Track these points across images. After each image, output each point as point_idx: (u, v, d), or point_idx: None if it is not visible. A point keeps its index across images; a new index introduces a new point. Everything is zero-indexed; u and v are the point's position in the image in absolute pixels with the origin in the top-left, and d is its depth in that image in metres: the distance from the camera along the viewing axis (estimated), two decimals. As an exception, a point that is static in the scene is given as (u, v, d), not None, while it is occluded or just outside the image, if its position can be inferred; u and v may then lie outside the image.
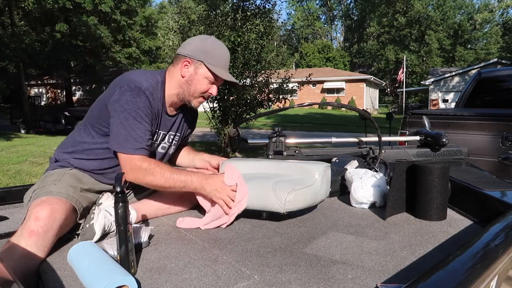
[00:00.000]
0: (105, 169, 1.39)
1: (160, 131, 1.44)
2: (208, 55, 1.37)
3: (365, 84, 28.43)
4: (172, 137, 1.50)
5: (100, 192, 1.38)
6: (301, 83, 7.73)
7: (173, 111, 1.46)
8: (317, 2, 51.03)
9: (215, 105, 7.30)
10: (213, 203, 1.36)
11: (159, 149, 1.49)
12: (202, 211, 1.51)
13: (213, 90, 1.43)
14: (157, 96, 1.36)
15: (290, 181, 1.35)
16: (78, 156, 1.38)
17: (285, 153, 1.81)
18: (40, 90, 30.54)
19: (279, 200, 1.28)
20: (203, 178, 1.34)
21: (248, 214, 1.36)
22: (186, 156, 1.69)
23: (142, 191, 1.54)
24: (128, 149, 1.28)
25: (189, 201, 1.51)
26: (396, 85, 29.73)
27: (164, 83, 1.40)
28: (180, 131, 1.53)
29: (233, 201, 1.33)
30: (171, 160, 1.63)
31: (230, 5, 7.36)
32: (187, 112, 1.52)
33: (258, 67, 7.13)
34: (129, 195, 1.49)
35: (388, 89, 40.36)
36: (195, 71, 1.38)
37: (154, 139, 1.42)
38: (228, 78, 1.42)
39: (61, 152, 1.41)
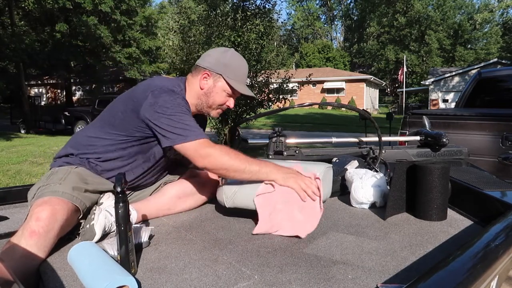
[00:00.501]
0: (119, 168, 1.39)
1: None
2: (228, 68, 1.40)
3: (365, 84, 28.42)
4: None
5: (104, 192, 1.38)
6: (301, 83, 7.74)
7: None
8: (317, 2, 51.05)
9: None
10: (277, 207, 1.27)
11: (173, 156, 1.49)
12: (203, 211, 1.51)
13: (231, 102, 1.47)
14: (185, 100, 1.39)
15: None
16: (91, 155, 1.37)
17: (285, 153, 1.81)
18: (40, 90, 30.51)
19: None
20: (277, 167, 1.30)
21: (248, 214, 1.36)
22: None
23: (143, 191, 1.54)
24: (191, 137, 1.27)
25: (189, 201, 1.51)
26: (396, 85, 29.76)
27: (185, 92, 1.42)
28: None
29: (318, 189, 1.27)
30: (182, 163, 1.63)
31: (230, 5, 7.37)
32: (198, 119, 1.50)
33: (258, 67, 7.13)
34: (130, 195, 1.49)
35: (388, 89, 40.37)
36: (214, 84, 1.42)
37: None
38: (246, 93, 1.45)
39: (71, 149, 1.39)
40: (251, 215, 1.38)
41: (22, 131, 13.74)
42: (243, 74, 1.47)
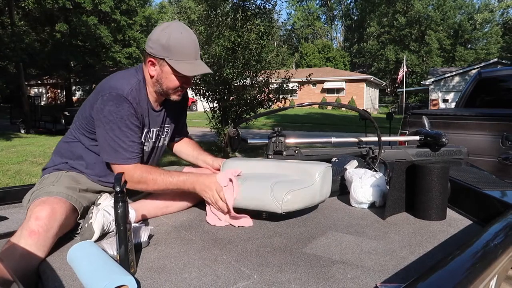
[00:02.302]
0: (104, 170, 1.39)
1: (151, 129, 1.43)
2: (169, 50, 1.29)
3: (365, 84, 28.42)
4: (164, 129, 1.51)
5: (99, 192, 1.39)
6: (301, 83, 7.73)
7: (158, 105, 1.45)
8: (317, 2, 51.07)
9: (215, 105, 7.30)
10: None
11: (157, 144, 1.51)
12: (203, 210, 1.51)
13: (187, 83, 1.38)
14: (142, 96, 1.35)
15: (289, 182, 1.34)
16: (74, 161, 1.39)
17: (284, 153, 1.81)
18: (40, 90, 30.53)
19: (276, 201, 1.28)
20: (195, 177, 1.36)
21: (248, 214, 1.36)
22: (191, 153, 1.70)
23: (142, 191, 1.54)
24: (119, 160, 1.30)
25: (189, 200, 1.51)
26: (396, 85, 29.72)
27: (144, 81, 1.38)
28: (170, 122, 1.53)
29: (222, 200, 1.33)
30: (175, 152, 1.68)
31: (230, 5, 7.36)
32: (175, 101, 1.47)
33: (258, 67, 7.12)
34: (128, 194, 1.49)
35: (388, 89, 40.36)
36: (161, 70, 1.34)
37: (148, 138, 1.43)
38: (195, 73, 1.35)
39: (56, 157, 1.42)
40: (251, 215, 1.38)
41: (22, 131, 13.73)
42: (189, 51, 1.32)
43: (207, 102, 7.24)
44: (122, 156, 1.29)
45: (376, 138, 1.88)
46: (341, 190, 1.70)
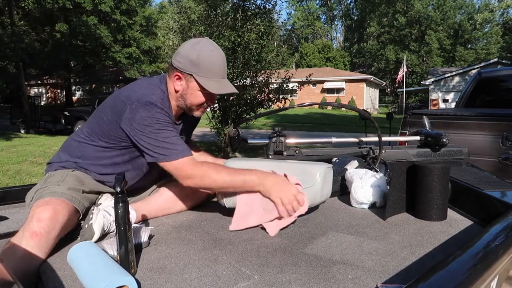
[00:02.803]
0: (108, 175, 1.39)
1: None
2: (198, 66, 1.30)
3: (365, 84, 28.42)
4: None
5: (101, 193, 1.38)
6: (301, 83, 7.73)
7: (177, 119, 1.46)
8: (317, 2, 51.08)
9: (215, 105, 7.30)
10: (262, 203, 1.29)
11: None
12: (203, 210, 1.51)
13: (211, 100, 1.39)
14: (166, 106, 1.34)
15: None
16: (83, 162, 1.37)
17: (285, 153, 1.81)
18: (40, 90, 30.52)
19: None
20: (263, 175, 1.28)
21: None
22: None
23: (142, 191, 1.54)
24: (173, 156, 1.25)
25: (190, 201, 1.51)
26: (396, 85, 29.73)
27: (167, 93, 1.37)
28: (184, 134, 1.54)
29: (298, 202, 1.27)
30: None
31: (230, 5, 7.36)
32: (188, 117, 1.49)
33: (258, 67, 7.13)
34: (129, 195, 1.49)
35: (388, 89, 40.36)
36: (187, 85, 1.34)
37: None
38: (221, 91, 1.35)
39: (64, 155, 1.40)
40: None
41: (22, 131, 13.73)
42: (218, 69, 1.33)
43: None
44: (176, 152, 1.25)
45: (376, 138, 1.87)
46: (342, 190, 1.70)
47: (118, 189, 0.95)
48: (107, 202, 1.29)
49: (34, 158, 7.14)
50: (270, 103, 7.48)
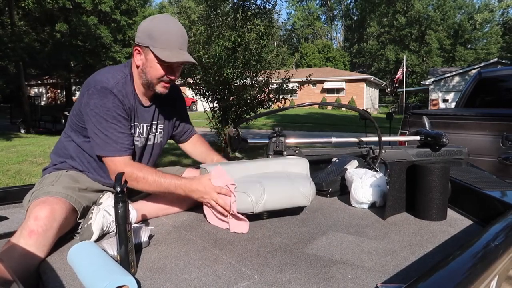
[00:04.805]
0: (99, 168, 1.39)
1: (141, 124, 1.42)
2: (155, 38, 1.29)
3: (365, 84, 28.42)
4: (156, 126, 1.49)
5: (100, 191, 1.39)
6: (301, 83, 7.73)
7: (148, 101, 1.44)
8: (317, 2, 51.08)
9: (215, 105, 7.30)
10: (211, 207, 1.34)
11: (151, 141, 1.49)
12: (203, 210, 1.51)
13: (172, 74, 1.36)
14: (128, 90, 1.35)
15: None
16: (70, 159, 1.39)
17: (285, 153, 1.81)
18: (40, 90, 30.53)
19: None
20: (188, 182, 1.31)
21: (247, 214, 1.36)
22: (199, 154, 1.71)
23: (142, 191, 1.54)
24: (109, 152, 1.28)
25: (190, 200, 1.50)
26: (396, 85, 29.73)
27: (131, 75, 1.37)
28: (163, 119, 1.51)
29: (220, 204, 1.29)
30: (187, 153, 1.70)
31: (230, 5, 7.36)
32: (166, 98, 1.47)
33: (258, 67, 7.12)
34: (129, 194, 1.49)
35: (388, 89, 40.35)
36: (145, 58, 1.33)
37: (138, 133, 1.41)
38: (176, 59, 1.31)
39: (55, 157, 1.43)
40: (251, 215, 1.38)
41: (22, 131, 13.73)
42: (174, 40, 1.31)
43: (207, 102, 7.24)
44: (112, 148, 1.28)
45: (376, 138, 1.88)
46: (342, 190, 1.70)
47: (118, 189, 0.95)
48: (108, 201, 1.29)
49: (34, 158, 7.14)
50: (270, 103, 7.47)
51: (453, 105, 20.19)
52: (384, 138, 1.88)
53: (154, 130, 1.48)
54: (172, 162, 6.17)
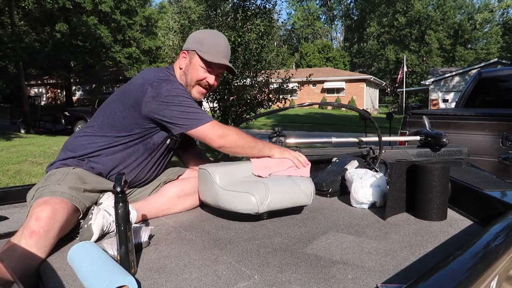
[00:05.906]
0: (120, 165, 1.40)
1: None
2: (201, 44, 1.43)
3: (365, 84, 28.41)
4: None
5: (103, 191, 1.38)
6: (301, 83, 7.73)
7: None
8: (317, 2, 51.08)
9: (215, 105, 7.30)
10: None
11: (173, 144, 1.52)
12: (204, 211, 1.51)
13: (210, 78, 1.47)
14: None
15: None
16: (90, 156, 1.38)
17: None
18: (40, 90, 30.52)
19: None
20: (272, 144, 1.55)
21: (247, 214, 1.36)
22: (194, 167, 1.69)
23: (143, 190, 1.54)
24: (205, 120, 1.35)
25: (189, 200, 1.51)
26: (396, 85, 29.73)
27: (174, 77, 1.45)
28: None
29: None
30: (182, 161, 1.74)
31: (230, 5, 7.37)
32: None
33: (258, 67, 7.13)
34: (129, 194, 1.49)
35: (388, 89, 40.35)
36: (190, 61, 1.45)
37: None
38: (220, 61, 1.43)
39: (67, 153, 1.40)
40: (251, 215, 1.38)
41: (22, 131, 13.72)
42: (219, 47, 1.46)
43: (207, 102, 7.24)
44: (206, 116, 1.35)
45: (376, 138, 1.88)
46: (342, 190, 1.70)
47: (118, 189, 0.95)
48: (108, 201, 1.29)
49: (34, 158, 7.13)
50: (270, 103, 7.48)
51: (453, 105, 20.19)
52: (384, 138, 1.88)
53: (178, 136, 1.51)
54: (172, 163, 6.17)
